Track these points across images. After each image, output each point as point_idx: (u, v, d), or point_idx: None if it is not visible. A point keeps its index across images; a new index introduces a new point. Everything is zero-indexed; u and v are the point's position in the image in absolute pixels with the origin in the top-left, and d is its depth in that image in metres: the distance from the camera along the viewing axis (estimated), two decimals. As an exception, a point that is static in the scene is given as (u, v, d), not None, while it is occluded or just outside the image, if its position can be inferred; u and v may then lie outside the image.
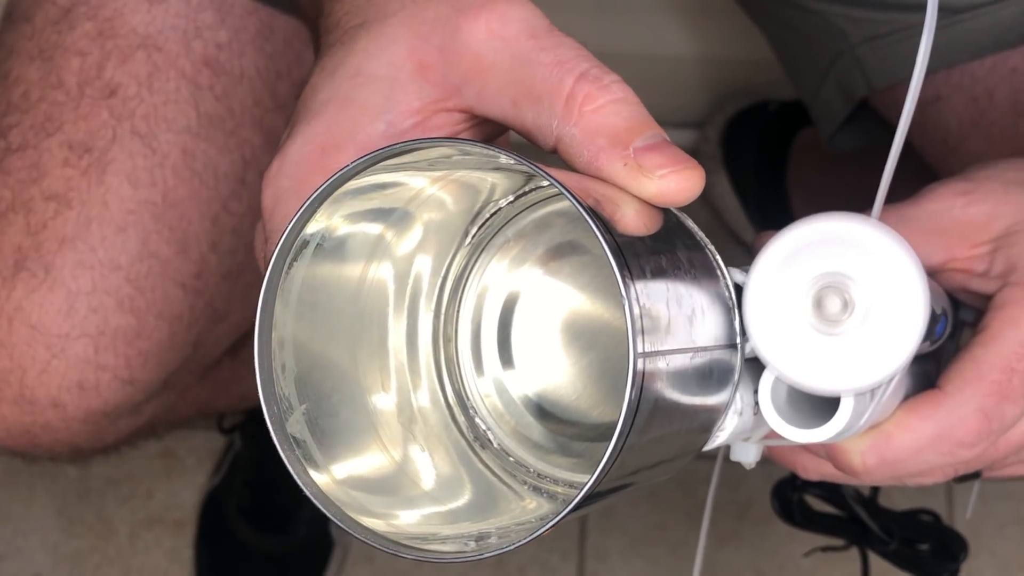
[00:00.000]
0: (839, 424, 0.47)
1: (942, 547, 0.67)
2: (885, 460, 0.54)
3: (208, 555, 1.29)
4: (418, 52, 0.47)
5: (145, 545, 1.31)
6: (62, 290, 0.75)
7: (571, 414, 0.49)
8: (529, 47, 0.45)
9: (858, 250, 0.46)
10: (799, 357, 0.46)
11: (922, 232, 0.57)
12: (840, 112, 0.90)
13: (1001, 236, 0.57)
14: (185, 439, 1.32)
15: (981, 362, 0.54)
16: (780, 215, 1.30)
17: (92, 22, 0.77)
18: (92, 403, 0.77)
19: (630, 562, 1.29)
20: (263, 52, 0.79)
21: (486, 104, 0.46)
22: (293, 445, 0.44)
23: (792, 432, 0.47)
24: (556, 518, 0.40)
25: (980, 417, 0.54)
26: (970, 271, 0.58)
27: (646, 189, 0.43)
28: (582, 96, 0.44)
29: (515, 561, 1.29)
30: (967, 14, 0.81)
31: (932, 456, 0.54)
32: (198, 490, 1.32)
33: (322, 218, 0.43)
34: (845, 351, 0.46)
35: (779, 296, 0.46)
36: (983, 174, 0.59)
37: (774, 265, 0.46)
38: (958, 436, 0.54)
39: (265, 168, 0.80)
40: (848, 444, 0.54)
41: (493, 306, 0.49)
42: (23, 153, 0.76)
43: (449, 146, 0.42)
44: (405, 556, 0.42)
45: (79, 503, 1.32)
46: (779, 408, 0.47)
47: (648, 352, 0.39)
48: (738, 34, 1.09)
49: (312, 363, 0.45)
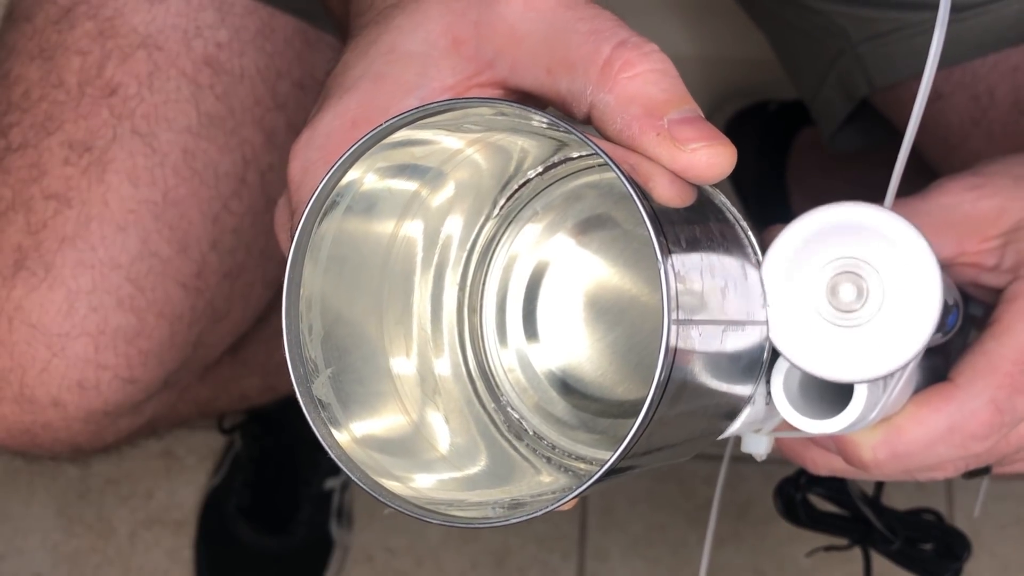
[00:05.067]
0: (853, 414, 0.47)
1: (945, 547, 0.67)
2: (896, 453, 0.54)
3: (208, 555, 1.29)
4: (453, 28, 0.46)
5: (145, 545, 1.31)
6: (62, 289, 0.75)
7: (595, 390, 0.48)
8: (566, 17, 0.45)
9: (874, 237, 0.45)
10: (813, 345, 0.46)
11: (932, 226, 0.57)
12: (841, 111, 0.89)
13: (1011, 230, 0.57)
14: (185, 439, 1.32)
15: (992, 355, 0.54)
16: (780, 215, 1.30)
17: (92, 21, 0.77)
18: (92, 402, 0.77)
19: (630, 562, 1.29)
20: (263, 51, 0.79)
21: (520, 75, 0.46)
22: (319, 407, 0.43)
23: (805, 423, 0.47)
24: (584, 485, 0.39)
25: (992, 409, 0.54)
26: (980, 265, 0.58)
27: (677, 161, 0.42)
28: (620, 62, 0.43)
29: (515, 561, 1.29)
30: (970, 12, 0.81)
31: (944, 449, 0.54)
32: (198, 490, 1.32)
33: (356, 173, 0.43)
34: (859, 339, 0.45)
35: (793, 283, 0.46)
36: (992, 168, 0.59)
37: (788, 252, 0.46)
38: (970, 428, 0.54)
39: (265, 168, 0.80)
40: (859, 437, 0.53)
41: (519, 279, 0.49)
42: (23, 152, 0.76)
43: (487, 106, 0.41)
44: (430, 520, 0.41)
45: (79, 503, 1.31)
46: (791, 399, 0.47)
47: (682, 320, 0.39)
48: (738, 34, 1.09)
49: (337, 323, 0.44)
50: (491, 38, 0.46)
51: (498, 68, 0.46)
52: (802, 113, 1.21)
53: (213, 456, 1.32)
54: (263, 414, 1.25)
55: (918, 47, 0.82)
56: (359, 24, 0.50)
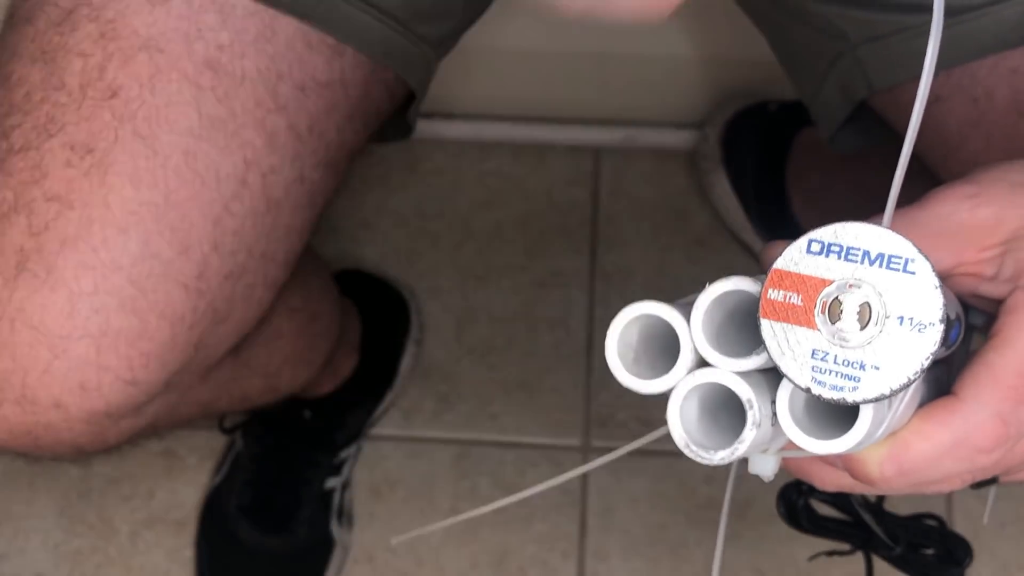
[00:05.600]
0: (859, 433, 0.47)
1: (947, 552, 0.67)
2: (903, 469, 0.54)
3: (209, 555, 1.29)
4: None
5: (146, 545, 1.31)
6: (64, 291, 0.75)
7: None
8: None
9: (874, 256, 0.46)
10: None
11: (930, 236, 0.57)
12: (840, 113, 0.89)
13: (1010, 239, 0.57)
14: (186, 439, 1.33)
15: (995, 367, 0.54)
16: (780, 215, 1.30)
17: (94, 24, 0.77)
18: (94, 404, 0.77)
19: (630, 562, 1.29)
20: (264, 54, 0.79)
21: None
22: None
23: (812, 443, 0.47)
24: None
25: (997, 422, 0.54)
26: (979, 275, 0.58)
27: None
28: None
29: (515, 561, 1.29)
30: (968, 15, 0.81)
31: (950, 463, 0.54)
32: (199, 490, 1.32)
33: None
34: (863, 359, 0.46)
35: (795, 302, 0.46)
36: (989, 176, 0.59)
37: (791, 270, 0.46)
38: (976, 442, 0.54)
39: (267, 170, 0.80)
40: (865, 454, 0.53)
41: None
42: (25, 154, 0.76)
43: None
44: None
45: (80, 503, 1.32)
46: (797, 419, 0.47)
47: None
48: (738, 34, 1.09)
49: None
50: None
51: None
52: (802, 113, 1.21)
53: (214, 456, 1.33)
54: (264, 414, 1.26)
55: (917, 50, 0.82)
56: None
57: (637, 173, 1.39)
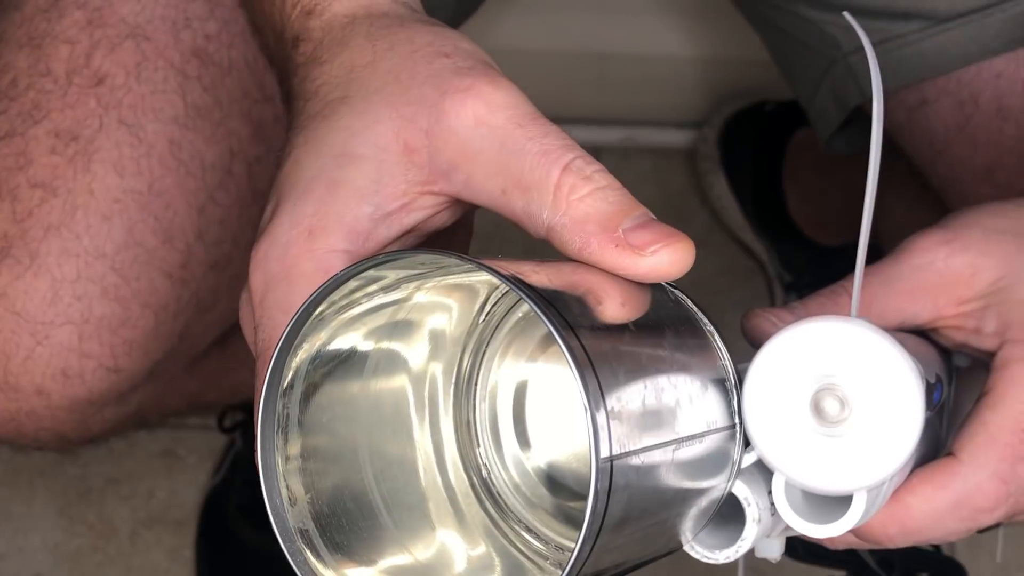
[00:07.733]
0: (855, 517, 0.48)
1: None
2: (906, 529, 0.55)
3: (209, 554, 1.29)
4: (403, 133, 0.48)
5: (146, 544, 1.31)
6: (47, 277, 0.75)
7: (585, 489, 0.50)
8: (516, 136, 0.47)
9: (847, 352, 0.46)
10: (805, 461, 0.47)
11: (908, 291, 0.58)
12: (835, 118, 0.90)
13: (988, 293, 0.57)
14: (186, 438, 1.33)
15: (991, 425, 0.55)
16: (777, 215, 1.30)
17: (82, 11, 0.77)
18: (76, 391, 0.77)
19: (629, 564, 1.28)
20: (252, 43, 0.79)
21: (474, 192, 0.48)
22: None
23: (812, 529, 0.48)
24: None
25: (997, 482, 0.55)
26: (961, 328, 0.58)
27: (640, 267, 0.45)
28: (567, 187, 0.46)
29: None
30: (953, 23, 0.81)
31: (952, 522, 0.55)
32: (199, 489, 1.32)
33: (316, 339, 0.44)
34: (849, 450, 0.46)
35: (777, 402, 0.47)
36: (961, 221, 0.59)
37: (768, 373, 0.47)
38: (977, 503, 0.55)
39: (252, 160, 0.80)
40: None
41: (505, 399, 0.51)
42: (10, 140, 0.76)
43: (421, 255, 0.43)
44: None
45: (80, 502, 1.32)
46: (795, 506, 0.48)
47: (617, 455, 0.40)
48: (736, 35, 1.09)
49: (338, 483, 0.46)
50: (443, 149, 0.48)
51: (453, 181, 0.48)
52: (799, 114, 1.21)
53: (214, 455, 1.32)
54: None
55: (907, 57, 0.83)
56: (303, 110, 0.51)
57: (636, 173, 1.39)
